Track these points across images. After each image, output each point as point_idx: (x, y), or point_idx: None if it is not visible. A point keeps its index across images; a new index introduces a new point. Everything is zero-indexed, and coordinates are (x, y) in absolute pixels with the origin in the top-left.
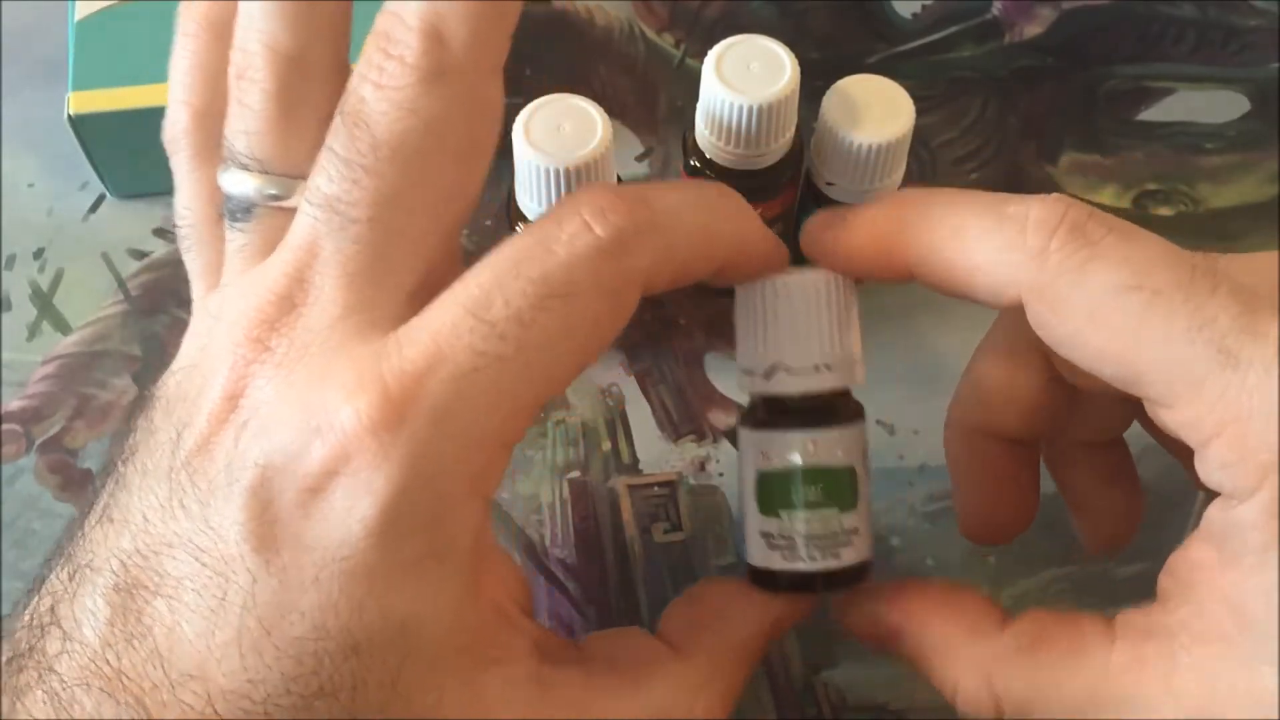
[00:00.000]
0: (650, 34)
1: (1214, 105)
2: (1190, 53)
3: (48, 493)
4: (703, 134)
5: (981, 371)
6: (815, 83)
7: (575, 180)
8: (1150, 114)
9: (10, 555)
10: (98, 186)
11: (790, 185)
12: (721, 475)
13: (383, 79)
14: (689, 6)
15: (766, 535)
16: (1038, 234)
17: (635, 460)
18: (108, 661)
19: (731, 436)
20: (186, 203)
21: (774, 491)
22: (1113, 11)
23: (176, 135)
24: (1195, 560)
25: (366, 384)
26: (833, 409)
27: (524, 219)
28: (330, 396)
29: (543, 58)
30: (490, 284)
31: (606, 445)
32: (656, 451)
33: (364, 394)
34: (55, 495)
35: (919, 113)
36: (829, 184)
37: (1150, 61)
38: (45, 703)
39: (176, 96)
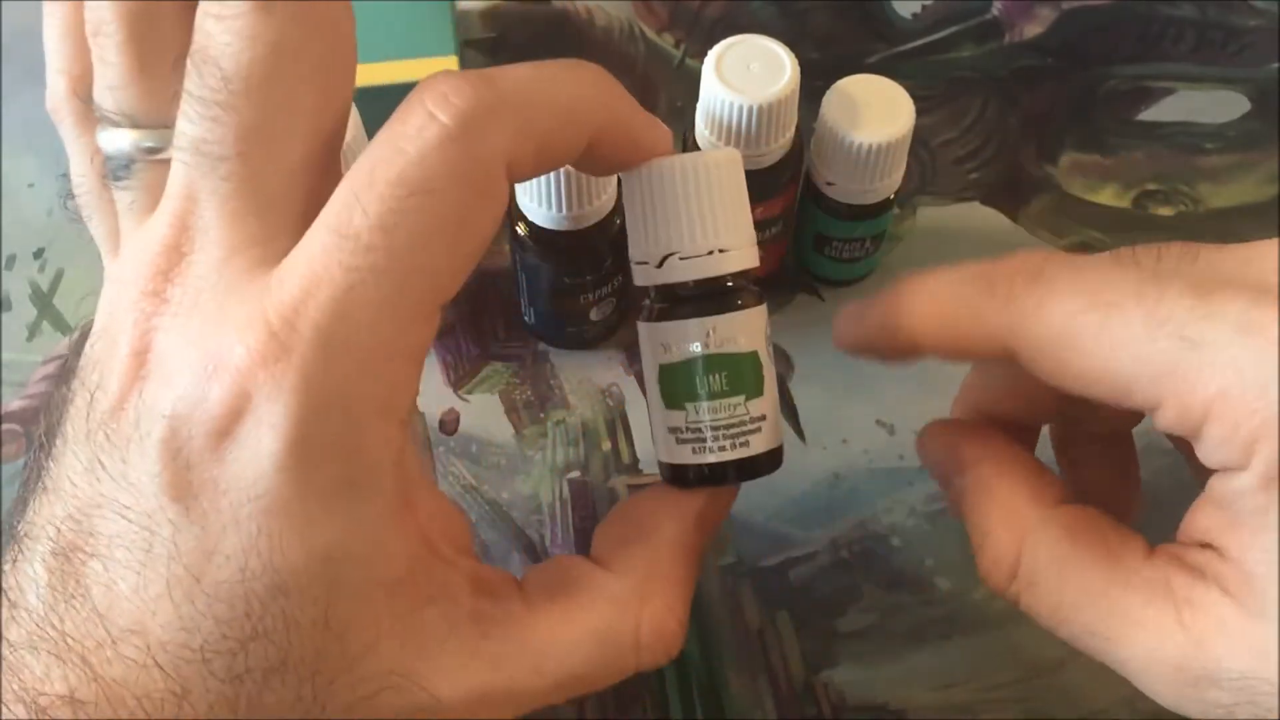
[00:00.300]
0: (650, 34)
1: (1214, 105)
2: (1190, 53)
3: None
4: (703, 134)
5: (989, 364)
6: (815, 83)
7: (575, 180)
8: (1150, 114)
9: None
10: None
11: (790, 185)
12: None
13: (222, 10)
14: (689, 6)
15: (674, 430)
16: (1005, 285)
17: (635, 460)
18: (51, 624)
19: None
20: (79, 170)
21: (677, 384)
22: (1113, 11)
23: (58, 104)
24: (1203, 523)
25: (254, 321)
26: (731, 294)
27: (524, 219)
28: (224, 339)
29: (543, 58)
30: (348, 198)
31: (606, 445)
32: None
33: (251, 331)
34: None
35: (919, 113)
36: (829, 184)
37: (1150, 61)
38: None
39: (53, 66)
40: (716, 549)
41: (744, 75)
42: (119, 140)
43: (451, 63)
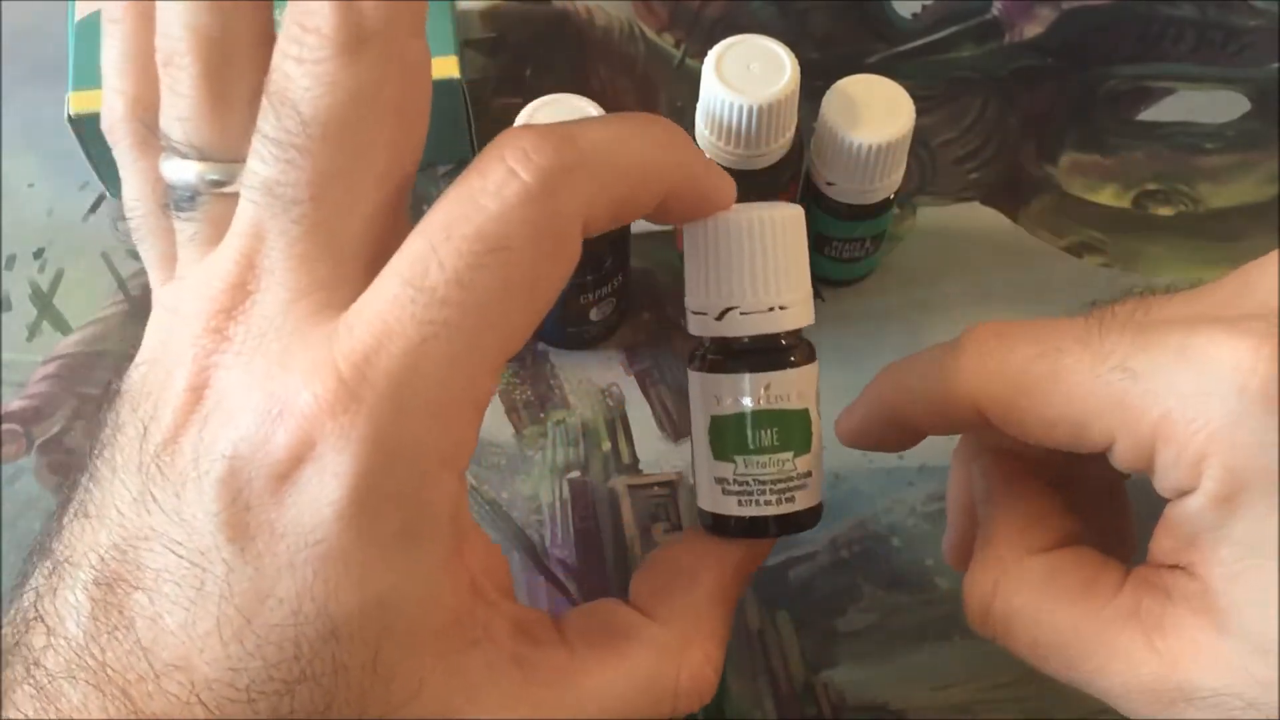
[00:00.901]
0: (650, 34)
1: (1214, 105)
2: (1190, 53)
3: (48, 493)
4: (703, 134)
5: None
6: (815, 83)
7: None
8: (1150, 114)
9: (10, 555)
10: (98, 186)
11: (790, 185)
12: None
13: (303, 53)
14: (689, 6)
15: (721, 480)
16: (972, 349)
17: (635, 460)
18: (92, 655)
19: None
20: (135, 194)
21: (727, 436)
22: (1113, 11)
23: (115, 125)
24: (1167, 545)
25: (321, 368)
26: (786, 350)
27: None
28: (289, 382)
29: (543, 58)
30: (424, 251)
31: (606, 445)
32: (656, 451)
33: (319, 378)
34: (56, 495)
35: (919, 113)
36: (829, 184)
37: (1150, 61)
38: (33, 697)
39: (111, 86)
40: None
41: (744, 75)
42: (185, 171)
43: (452, 63)
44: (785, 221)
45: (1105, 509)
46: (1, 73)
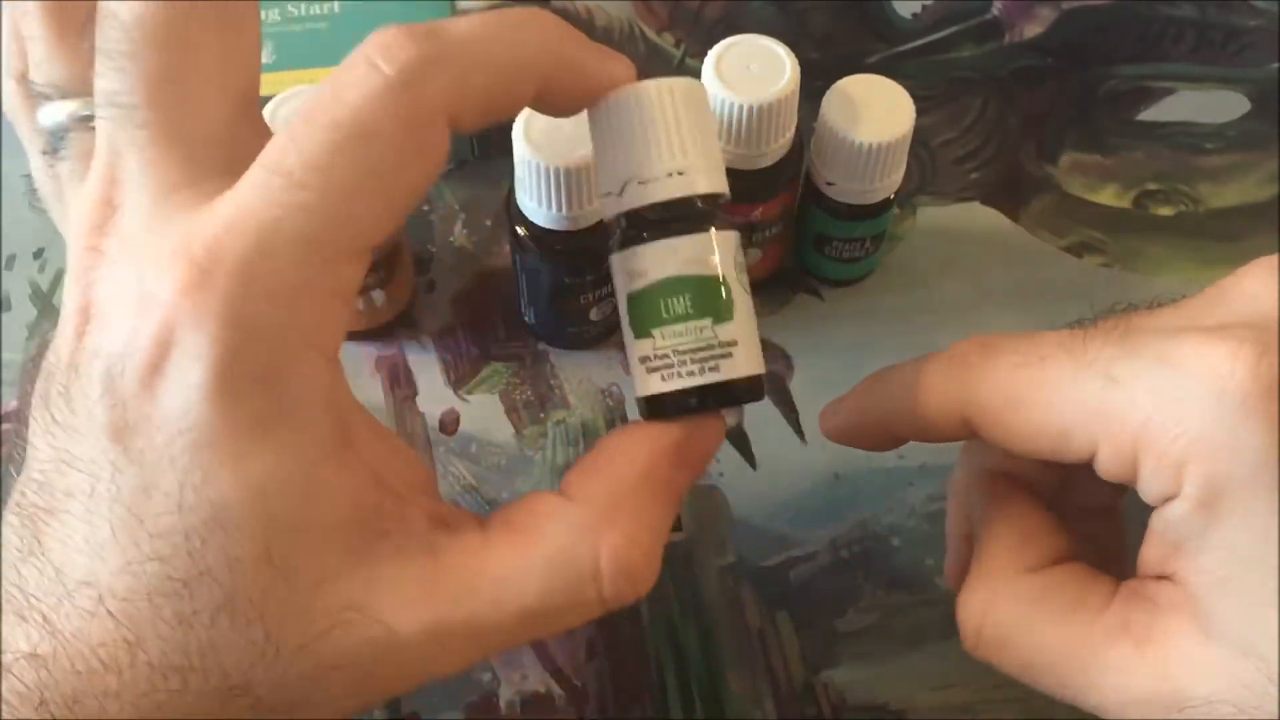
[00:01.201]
0: (650, 34)
1: (1214, 105)
2: (1190, 53)
3: None
4: None
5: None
6: (815, 83)
7: (575, 180)
8: (1150, 114)
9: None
10: None
11: (790, 185)
12: (721, 475)
13: None
14: (689, 6)
15: (644, 360)
16: (960, 360)
17: None
18: (16, 587)
19: (730, 436)
20: (34, 162)
21: (643, 310)
22: (1113, 11)
23: (12, 105)
24: (1153, 555)
25: (178, 254)
26: (692, 217)
27: (524, 219)
28: (148, 275)
29: None
30: (284, 139)
31: None
32: None
33: (176, 264)
34: None
35: (919, 113)
36: (829, 184)
37: (1150, 61)
38: None
39: (4, 72)
40: (717, 549)
41: (744, 75)
42: (54, 113)
43: None
44: (677, 89)
45: (1100, 527)
46: (1, 73)
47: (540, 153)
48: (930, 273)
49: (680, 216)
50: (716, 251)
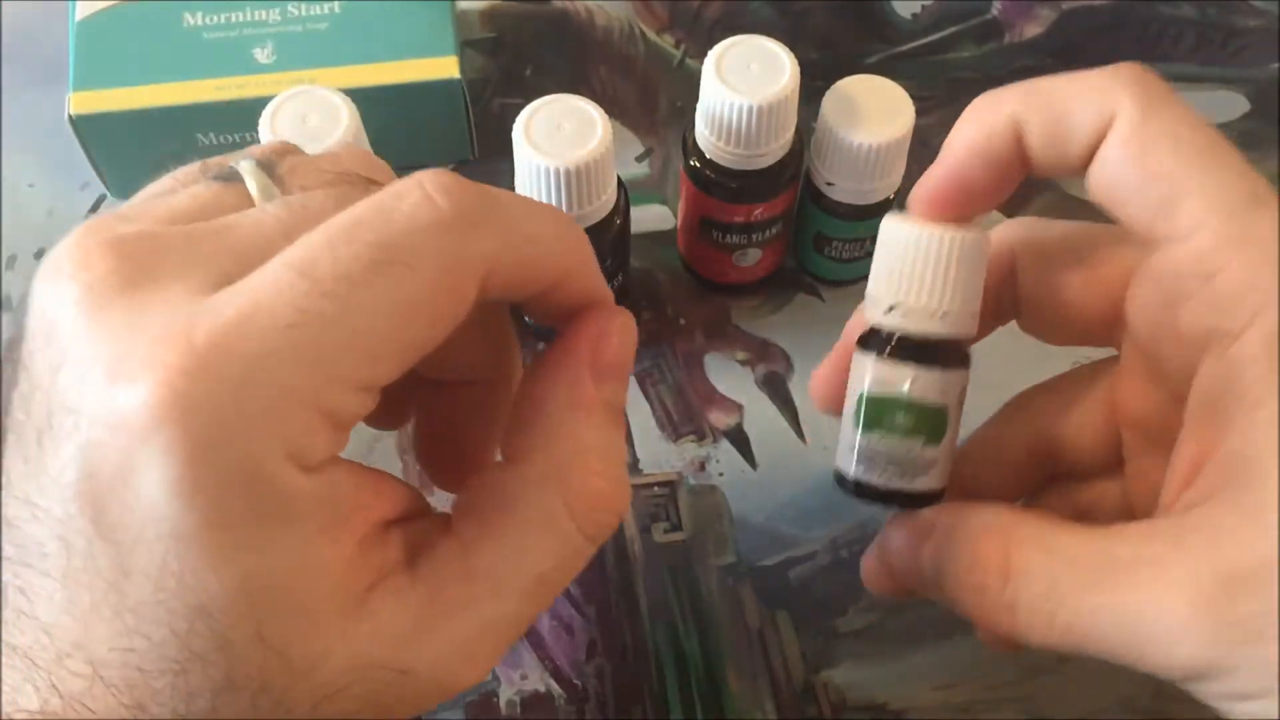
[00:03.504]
0: (650, 34)
1: (1214, 105)
2: (1190, 53)
3: None
4: (703, 134)
5: (979, 435)
6: (815, 83)
7: (575, 180)
8: None
9: None
10: (98, 187)
11: (790, 185)
12: (721, 475)
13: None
14: (689, 6)
15: (857, 449)
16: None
17: (635, 460)
18: (10, 641)
19: (730, 436)
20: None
21: (874, 411)
22: (1113, 11)
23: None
24: (1190, 437)
25: (178, 336)
26: (941, 352)
27: None
28: (142, 341)
29: (543, 58)
30: (321, 245)
31: None
32: (656, 451)
33: (175, 344)
34: None
35: (919, 113)
36: (829, 184)
37: (1150, 61)
38: None
39: None
40: (717, 549)
41: (744, 75)
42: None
43: (452, 63)
44: (966, 242)
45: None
46: (2, 73)
47: (540, 153)
48: None
49: (932, 349)
50: (952, 388)
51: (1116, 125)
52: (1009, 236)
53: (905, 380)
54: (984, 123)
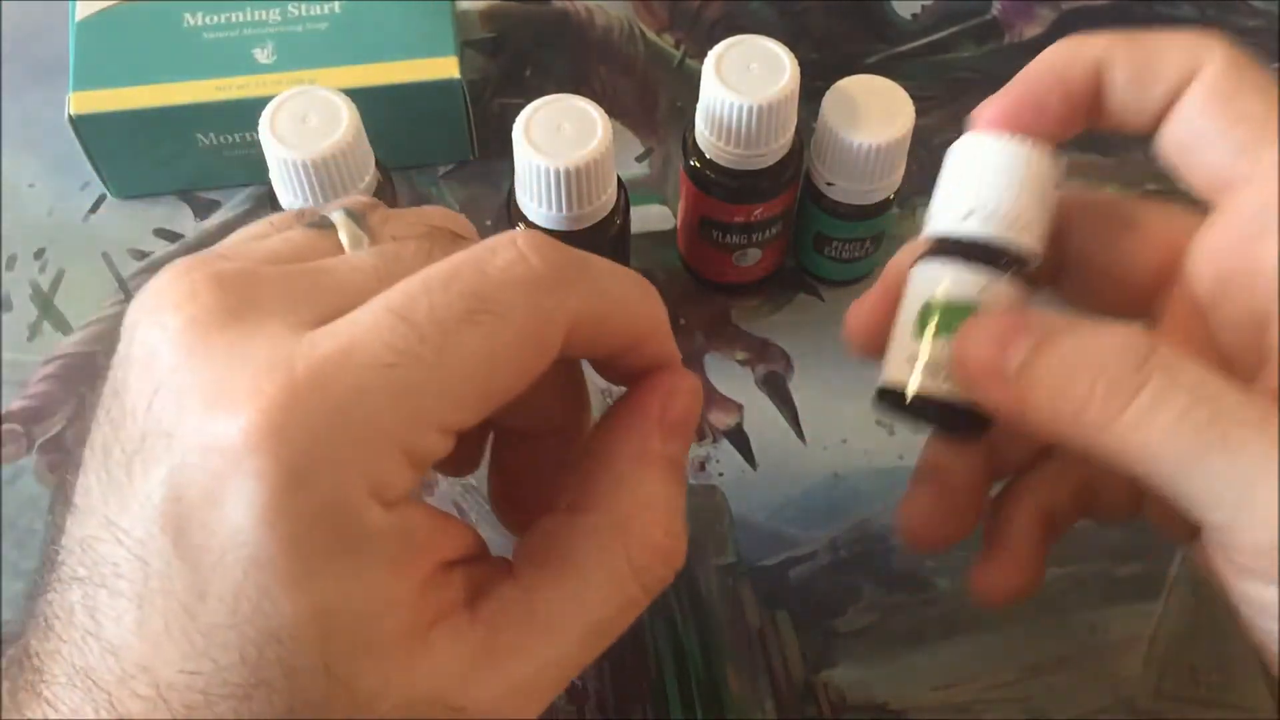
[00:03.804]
0: (650, 34)
1: None
2: None
3: (48, 492)
4: (703, 134)
5: None
6: (815, 83)
7: (575, 180)
8: None
9: (10, 555)
10: (98, 187)
11: (790, 185)
12: (721, 475)
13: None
14: (689, 6)
15: (922, 359)
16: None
17: None
18: (72, 662)
19: (730, 436)
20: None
21: (945, 319)
22: (1113, 11)
23: None
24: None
25: (279, 365)
26: (1013, 262)
27: (524, 219)
28: (246, 373)
29: (543, 58)
30: (419, 291)
31: None
32: None
33: (275, 373)
34: (55, 495)
35: (919, 113)
36: (829, 184)
37: None
38: (35, 702)
39: None
40: (717, 549)
41: (744, 75)
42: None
43: (451, 63)
44: (1045, 156)
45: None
46: (2, 73)
47: (541, 153)
48: None
49: (1008, 258)
50: (1014, 296)
51: (1202, 75)
52: (1063, 195)
53: (980, 284)
54: (1068, 54)
